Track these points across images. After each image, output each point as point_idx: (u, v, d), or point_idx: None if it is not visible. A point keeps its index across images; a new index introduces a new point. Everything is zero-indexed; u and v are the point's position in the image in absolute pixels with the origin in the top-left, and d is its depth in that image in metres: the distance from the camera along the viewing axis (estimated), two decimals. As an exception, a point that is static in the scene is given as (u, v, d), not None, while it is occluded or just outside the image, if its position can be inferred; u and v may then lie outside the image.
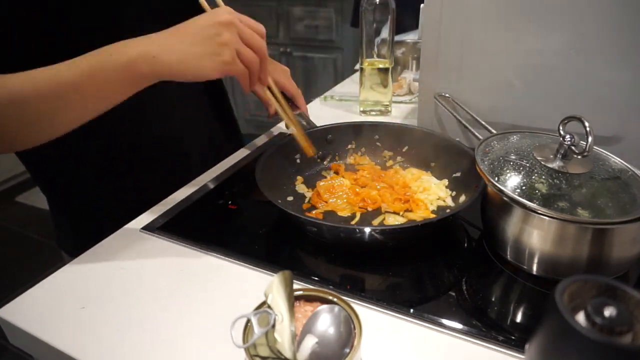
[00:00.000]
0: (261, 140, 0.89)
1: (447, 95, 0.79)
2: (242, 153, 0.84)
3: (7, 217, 2.52)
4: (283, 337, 0.35)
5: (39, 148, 0.62)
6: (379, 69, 0.95)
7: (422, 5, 0.79)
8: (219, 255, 0.57)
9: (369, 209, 0.65)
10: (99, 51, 0.54)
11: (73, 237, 0.79)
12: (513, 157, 0.54)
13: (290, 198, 0.68)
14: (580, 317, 0.33)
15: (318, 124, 0.78)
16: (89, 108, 0.56)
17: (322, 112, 1.04)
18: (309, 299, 0.41)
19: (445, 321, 0.46)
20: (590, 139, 0.49)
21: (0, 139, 0.55)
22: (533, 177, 0.51)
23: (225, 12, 0.57)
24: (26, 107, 0.53)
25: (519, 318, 0.48)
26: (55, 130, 0.56)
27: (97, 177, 0.74)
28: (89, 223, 0.77)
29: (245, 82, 0.60)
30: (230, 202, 0.69)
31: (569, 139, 0.52)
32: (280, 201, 0.61)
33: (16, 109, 0.53)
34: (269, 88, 0.72)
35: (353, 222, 0.62)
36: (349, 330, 0.37)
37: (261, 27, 0.60)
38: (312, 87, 2.76)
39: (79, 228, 0.78)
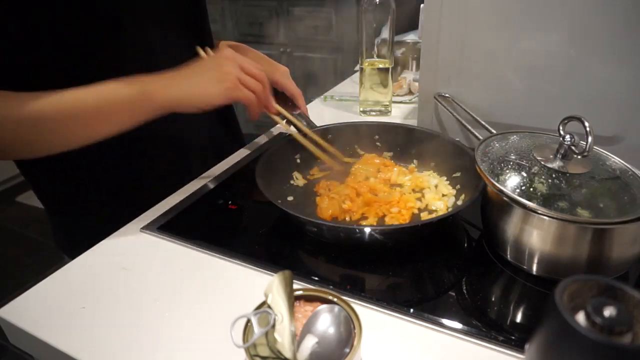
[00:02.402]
0: (261, 140, 0.89)
1: (447, 95, 0.79)
2: (242, 153, 0.84)
3: (7, 217, 2.51)
4: (283, 337, 0.35)
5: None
6: (379, 69, 0.95)
7: (422, 5, 0.79)
8: (219, 255, 0.57)
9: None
10: (116, 81, 0.60)
11: (72, 238, 0.79)
12: (513, 157, 0.54)
13: (290, 198, 0.68)
14: (580, 317, 0.33)
15: (318, 124, 0.78)
16: (102, 130, 0.61)
17: (322, 112, 1.04)
18: (309, 299, 0.41)
19: (445, 321, 0.46)
20: (590, 139, 0.49)
21: (19, 149, 0.61)
22: (533, 177, 0.51)
23: (227, 51, 0.66)
24: (45, 125, 0.58)
25: (519, 318, 0.48)
26: (68, 145, 0.62)
27: (95, 177, 0.74)
28: (88, 224, 0.76)
29: (253, 107, 0.66)
30: (230, 202, 0.69)
31: (569, 139, 0.52)
32: (280, 201, 0.61)
33: (36, 127, 0.58)
34: (281, 115, 0.75)
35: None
36: (349, 330, 0.37)
37: (259, 65, 0.68)
38: (312, 87, 2.76)
39: (78, 229, 0.78)
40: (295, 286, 0.39)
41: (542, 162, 0.52)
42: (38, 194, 0.78)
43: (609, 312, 0.31)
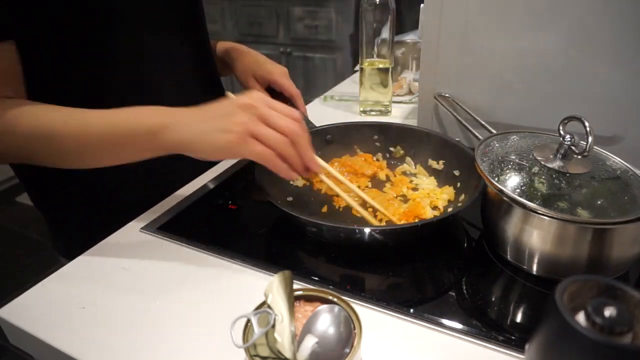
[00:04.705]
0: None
1: (447, 95, 0.79)
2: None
3: (7, 217, 2.52)
4: (283, 337, 0.35)
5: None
6: (379, 69, 0.95)
7: (422, 5, 0.79)
8: (219, 255, 0.57)
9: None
10: (126, 112, 0.57)
11: (69, 242, 0.79)
12: (513, 157, 0.54)
13: (290, 198, 0.68)
14: (580, 317, 0.33)
15: (318, 124, 0.78)
16: (105, 160, 0.59)
17: (322, 112, 1.04)
18: (309, 299, 0.41)
19: (445, 321, 0.46)
20: (590, 139, 0.49)
21: (26, 159, 0.61)
22: (533, 177, 0.51)
23: (248, 96, 0.54)
24: (53, 141, 0.57)
25: (519, 318, 0.48)
26: (78, 164, 0.61)
27: (92, 178, 0.73)
28: (87, 226, 0.76)
29: (274, 167, 0.53)
30: (230, 202, 0.69)
31: (569, 139, 0.52)
32: (280, 201, 0.61)
33: (44, 142, 0.57)
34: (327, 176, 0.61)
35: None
36: (349, 330, 0.37)
37: (294, 113, 0.55)
38: (312, 87, 2.76)
39: (76, 232, 0.77)
40: (295, 286, 0.39)
41: (542, 162, 0.52)
42: (34, 199, 0.77)
43: (609, 312, 0.31)
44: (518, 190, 0.50)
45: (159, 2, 0.72)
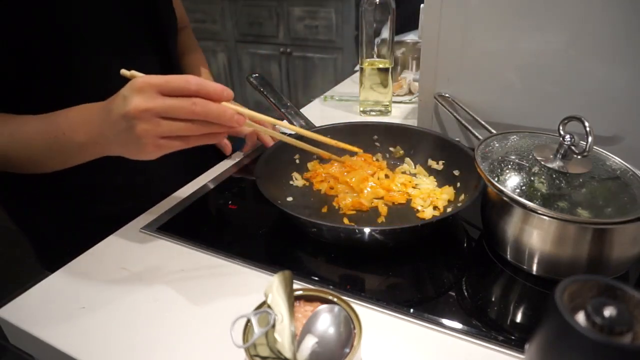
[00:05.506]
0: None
1: (447, 95, 0.79)
2: (242, 153, 0.84)
3: (7, 217, 2.51)
4: (283, 337, 0.35)
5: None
6: (379, 69, 0.95)
7: (422, 5, 0.79)
8: (219, 255, 0.57)
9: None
10: (54, 124, 0.56)
11: (52, 254, 0.78)
12: (513, 157, 0.54)
13: (290, 198, 0.68)
14: (580, 317, 0.33)
15: (318, 124, 0.78)
16: (60, 165, 0.61)
17: (322, 112, 1.04)
18: (309, 299, 0.41)
19: (445, 321, 0.46)
20: (590, 139, 0.49)
21: None
22: (533, 177, 0.51)
23: (133, 97, 0.48)
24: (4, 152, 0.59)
25: (519, 318, 0.48)
26: (40, 170, 0.62)
27: (89, 176, 0.72)
28: (83, 225, 0.75)
29: (208, 142, 0.53)
30: (230, 202, 0.69)
31: (569, 139, 0.52)
32: (280, 201, 0.61)
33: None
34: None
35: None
36: (349, 330, 0.37)
37: (189, 83, 0.48)
38: (312, 87, 2.76)
39: (56, 244, 0.77)
40: (295, 286, 0.39)
41: (542, 162, 0.52)
42: (11, 216, 0.76)
43: (609, 312, 0.31)
44: (518, 190, 0.50)
45: (124, 23, 0.70)
